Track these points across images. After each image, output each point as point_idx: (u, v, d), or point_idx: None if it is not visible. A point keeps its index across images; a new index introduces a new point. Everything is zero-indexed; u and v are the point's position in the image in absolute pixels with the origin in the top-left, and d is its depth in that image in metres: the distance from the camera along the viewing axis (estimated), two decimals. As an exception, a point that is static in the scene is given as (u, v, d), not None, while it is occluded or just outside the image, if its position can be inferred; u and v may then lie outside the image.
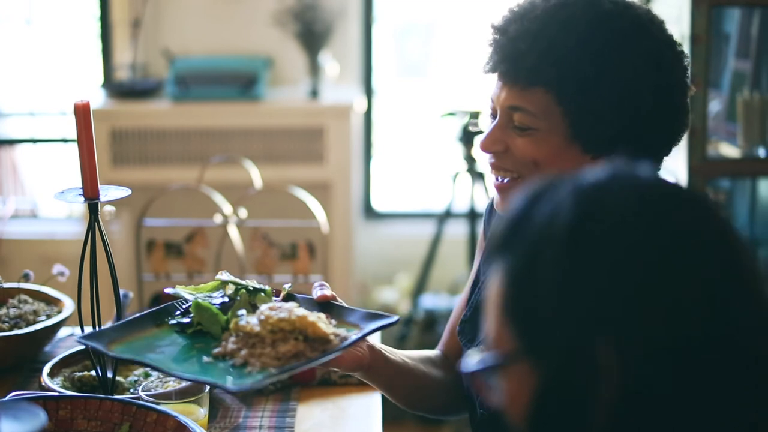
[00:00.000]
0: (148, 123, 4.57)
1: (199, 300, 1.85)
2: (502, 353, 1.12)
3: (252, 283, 1.90)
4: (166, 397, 1.96)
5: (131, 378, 2.20)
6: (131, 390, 2.15)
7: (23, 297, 2.52)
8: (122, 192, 1.91)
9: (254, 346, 1.73)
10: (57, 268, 2.61)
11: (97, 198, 1.88)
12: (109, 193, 1.91)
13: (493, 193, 1.94)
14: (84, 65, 5.63)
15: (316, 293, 1.90)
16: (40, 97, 5.75)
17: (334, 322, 1.83)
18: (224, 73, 4.71)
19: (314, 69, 4.74)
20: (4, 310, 2.45)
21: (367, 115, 5.24)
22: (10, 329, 2.39)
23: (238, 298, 1.86)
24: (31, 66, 5.74)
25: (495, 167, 1.88)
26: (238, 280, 1.90)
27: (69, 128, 5.59)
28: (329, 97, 4.73)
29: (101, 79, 5.30)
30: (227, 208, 3.12)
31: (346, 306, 1.88)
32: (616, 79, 1.76)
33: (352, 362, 1.85)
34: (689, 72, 1.85)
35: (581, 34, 1.77)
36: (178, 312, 1.88)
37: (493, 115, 1.88)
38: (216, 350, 1.76)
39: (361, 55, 5.19)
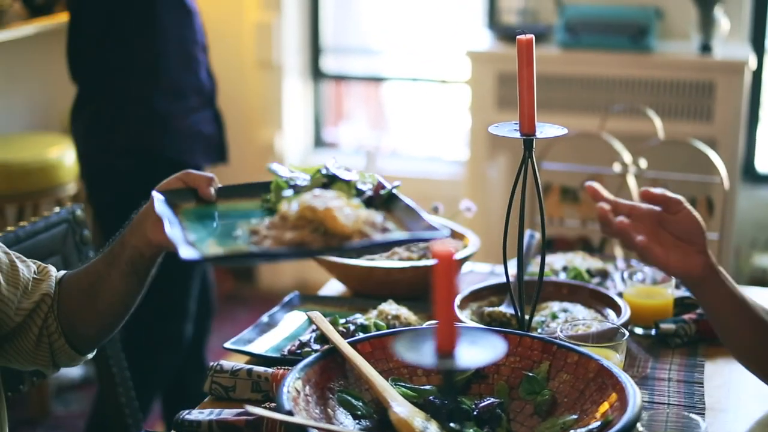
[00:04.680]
0: (536, 68, 4.54)
1: (281, 181, 1.80)
2: None
3: (354, 175, 1.81)
4: (584, 339, 1.94)
5: (538, 318, 2.19)
6: (539, 330, 2.14)
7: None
8: (558, 130, 1.89)
9: (278, 228, 1.64)
10: (465, 203, 2.64)
11: (533, 134, 1.87)
12: (545, 130, 1.89)
13: None
14: (466, 7, 5.69)
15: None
16: (418, 37, 5.86)
17: (390, 225, 1.67)
18: (614, 23, 4.64)
19: (706, 24, 4.60)
20: (414, 240, 2.51)
21: (757, 74, 5.04)
22: (419, 259, 2.44)
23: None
24: (412, 5, 5.85)
25: None
26: (334, 170, 1.81)
27: (446, 69, 5.67)
28: (720, 53, 4.58)
29: (485, 21, 5.34)
30: (627, 157, 3.07)
31: (422, 215, 1.69)
32: None
33: (679, 266, 1.82)
34: None
35: None
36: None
37: None
38: (252, 225, 1.69)
39: (753, 13, 5.00)
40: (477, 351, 1.30)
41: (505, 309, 2.20)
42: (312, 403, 1.68)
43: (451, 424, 1.58)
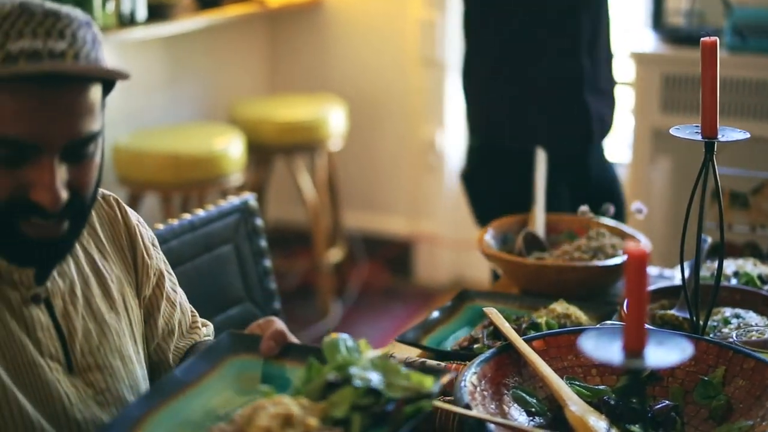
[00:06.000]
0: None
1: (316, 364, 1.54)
2: None
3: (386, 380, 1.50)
4: (759, 346, 1.92)
5: (710, 323, 2.17)
6: (711, 335, 2.12)
7: (601, 230, 2.56)
8: (740, 134, 1.88)
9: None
10: (636, 205, 2.63)
11: (715, 137, 1.86)
12: (726, 133, 1.88)
13: None
14: (630, 8, 5.64)
15: None
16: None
17: None
18: (784, 27, 4.55)
19: None
20: (584, 241, 2.51)
21: None
22: (591, 259, 2.44)
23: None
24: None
25: None
26: (358, 373, 1.50)
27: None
28: None
29: (650, 23, 5.28)
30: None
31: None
32: None
33: None
34: None
35: None
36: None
37: None
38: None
39: None
40: (664, 351, 1.30)
41: (677, 312, 2.19)
42: (488, 398, 1.70)
43: (629, 426, 1.58)
